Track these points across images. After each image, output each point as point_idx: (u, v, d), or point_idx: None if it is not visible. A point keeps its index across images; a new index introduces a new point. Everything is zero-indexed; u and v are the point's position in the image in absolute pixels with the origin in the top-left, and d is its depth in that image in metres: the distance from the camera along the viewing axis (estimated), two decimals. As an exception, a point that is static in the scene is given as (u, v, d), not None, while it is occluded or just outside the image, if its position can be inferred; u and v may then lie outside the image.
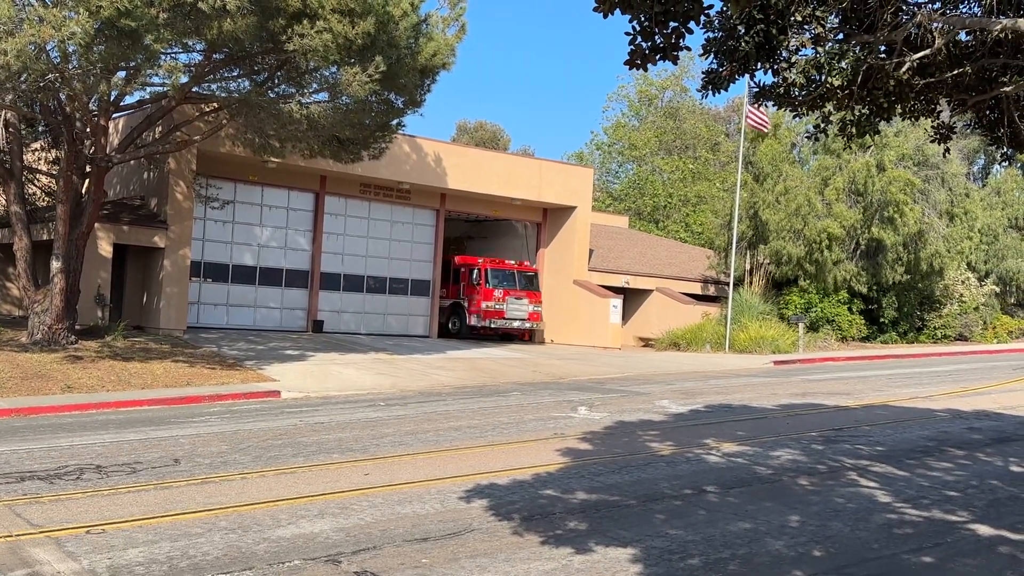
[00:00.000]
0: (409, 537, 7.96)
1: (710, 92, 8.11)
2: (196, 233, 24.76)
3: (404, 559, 7.38)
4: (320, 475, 10.30)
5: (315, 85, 19.60)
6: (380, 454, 11.56)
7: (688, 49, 6.94)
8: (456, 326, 30.07)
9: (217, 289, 26.11)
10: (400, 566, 7.21)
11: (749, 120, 30.44)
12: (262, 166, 24.84)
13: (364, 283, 28.98)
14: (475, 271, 29.65)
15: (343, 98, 19.22)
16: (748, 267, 33.84)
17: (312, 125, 19.29)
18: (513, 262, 30.82)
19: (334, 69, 18.53)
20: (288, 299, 27.39)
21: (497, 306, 29.31)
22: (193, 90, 19.61)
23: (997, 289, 38.92)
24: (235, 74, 20.28)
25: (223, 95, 20.03)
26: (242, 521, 8.32)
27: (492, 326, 29.41)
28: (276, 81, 19.62)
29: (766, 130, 31.43)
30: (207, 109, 21.36)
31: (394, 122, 21.82)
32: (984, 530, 8.75)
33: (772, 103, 8.51)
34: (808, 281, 32.50)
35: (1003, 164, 45.39)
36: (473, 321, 29.51)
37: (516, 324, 29.96)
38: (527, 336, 31.22)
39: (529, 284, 30.47)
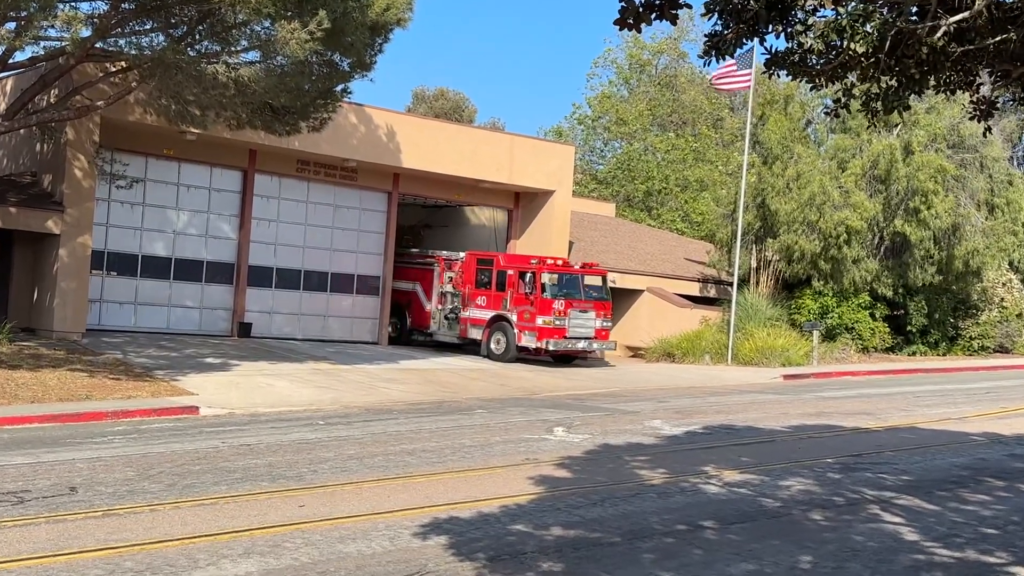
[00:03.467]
0: (352, 581, 7.95)
1: (713, 58, 8.16)
2: (99, 217, 24.45)
3: (346, 607, 7.36)
4: (246, 507, 10.24)
5: (244, 42, 19.47)
6: (318, 482, 11.52)
7: (689, 7, 7.00)
8: (502, 347, 27.29)
9: (124, 284, 25.85)
10: (341, 615, 7.19)
11: (724, 84, 30.82)
12: (179, 138, 24.61)
13: (301, 279, 28.85)
14: (527, 276, 26.91)
15: (278, 58, 19.12)
16: (754, 265, 34.14)
17: (240, 90, 19.17)
18: (575, 263, 28.54)
19: (268, 24, 18.43)
20: (209, 297, 27.20)
21: (557, 322, 26.59)
22: (97, 46, 19.38)
23: (1044, 293, 39.56)
24: (148, 27, 20.08)
25: (133, 52, 19.81)
26: (151, 561, 8.25)
27: (550, 348, 26.70)
28: (197, 37, 19.47)
29: (743, 89, 31.74)
30: (113, 69, 21.13)
31: (339, 88, 21.75)
32: (1026, 574, 8.90)
33: (786, 72, 8.58)
34: (823, 282, 32.83)
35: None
36: (525, 341, 26.70)
37: (582, 345, 27.32)
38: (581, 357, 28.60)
39: (596, 292, 28.08)
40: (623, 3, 6.43)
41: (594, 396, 21.47)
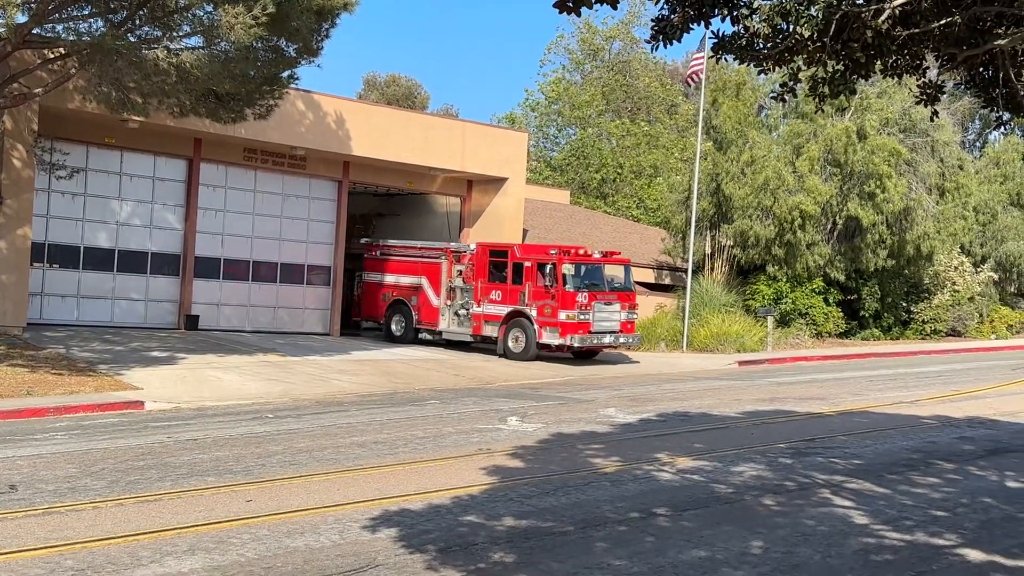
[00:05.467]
0: (300, 575, 7.91)
1: (661, 43, 8.19)
2: (38, 208, 24.09)
3: (293, 602, 7.33)
4: (192, 503, 10.15)
5: (187, 28, 19.23)
6: (266, 476, 11.44)
7: (632, -10, 6.99)
8: (521, 344, 25.67)
9: (66, 277, 25.48)
10: (288, 610, 7.16)
11: (696, 66, 30.98)
12: (121, 126, 24.30)
13: (250, 270, 28.61)
14: (547, 267, 25.21)
15: (222, 44, 18.90)
16: (709, 251, 34.40)
17: (183, 76, 18.92)
18: (597, 253, 26.76)
19: (210, 8, 18.21)
20: (155, 289, 26.88)
21: (582, 316, 24.97)
22: (34, 32, 19.05)
23: (995, 276, 40.26)
24: (86, 13, 19.76)
25: (71, 38, 19.49)
26: (93, 560, 8.15)
27: (575, 345, 25.27)
28: (138, 22, 19.18)
29: (695, 82, 31.94)
30: (51, 56, 20.77)
31: (285, 74, 21.57)
32: (975, 555, 9.06)
33: (733, 57, 8.64)
34: (778, 267, 33.18)
35: (1000, 131, 46.99)
36: (546, 337, 25.10)
37: (608, 340, 25.77)
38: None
39: (621, 283, 26.59)
40: (565, -15, 6.43)
41: (548, 385, 21.53)
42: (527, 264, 25.78)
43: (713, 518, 10.07)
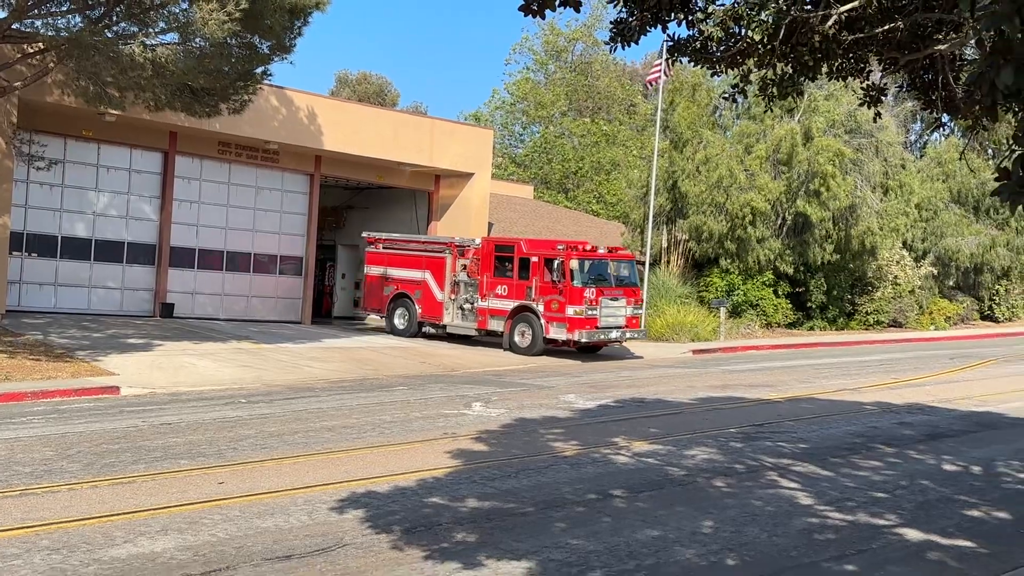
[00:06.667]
0: (269, 555, 7.86)
1: (620, 45, 8.21)
2: (17, 199, 23.76)
3: (263, 580, 7.28)
4: (165, 485, 10.06)
5: (162, 24, 18.98)
6: (238, 459, 11.36)
7: (593, -7, 6.98)
8: (528, 339, 24.73)
9: (43, 265, 25.13)
10: (258, 588, 7.11)
11: (655, 74, 31.03)
12: (98, 119, 23.97)
13: (224, 260, 28.36)
14: (555, 263, 24.17)
15: (197, 40, 18.67)
16: (666, 244, 34.56)
17: (158, 71, 18.68)
18: (603, 248, 25.86)
19: (186, 5, 17.98)
20: (131, 278, 26.59)
21: (589, 311, 24.05)
22: (13, 27, 18.73)
23: (935, 271, 40.74)
24: (64, 8, 19.50)
25: (50, 33, 19.20)
26: (68, 539, 8.06)
27: (583, 340, 24.30)
28: (115, 18, 18.93)
29: (653, 87, 32.02)
30: (30, 50, 20.44)
31: (259, 70, 21.36)
32: (913, 535, 9.18)
33: (688, 59, 8.66)
34: (730, 261, 33.39)
35: (940, 132, 47.49)
36: (553, 332, 24.18)
37: (614, 335, 24.93)
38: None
39: (626, 278, 25.61)
40: (528, -11, 6.41)
41: (512, 372, 21.54)
42: (534, 259, 24.76)
43: (667, 499, 10.13)
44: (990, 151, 46.68)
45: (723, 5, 7.61)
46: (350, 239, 34.74)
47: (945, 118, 9.90)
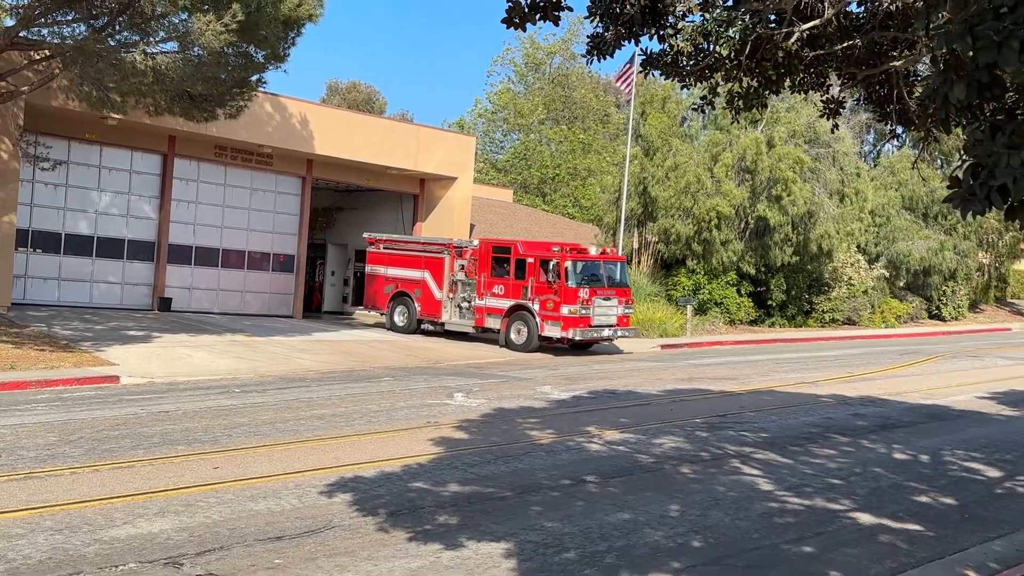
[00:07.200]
0: (262, 536, 7.81)
1: (596, 58, 8.20)
2: (23, 197, 23.50)
3: (255, 560, 7.24)
4: (163, 469, 9.98)
5: (163, 33, 18.82)
6: (232, 446, 11.29)
7: (570, 9, 7.00)
8: (523, 336, 24.48)
9: (48, 261, 24.88)
10: (250, 568, 7.07)
11: (622, 84, 31.02)
12: (101, 123, 23.74)
13: (219, 257, 28.16)
14: (550, 264, 23.97)
15: (195, 49, 18.53)
16: (637, 246, 34.62)
17: (159, 78, 18.54)
18: (594, 250, 25.82)
19: (185, 16, 17.84)
20: (131, 273, 26.36)
21: (583, 311, 23.79)
22: (20, 34, 18.53)
23: (887, 273, 41.03)
24: (70, 18, 19.26)
25: (55, 41, 19.00)
26: (71, 520, 7.99)
27: (577, 338, 24.07)
28: (117, 27, 18.74)
29: (624, 91, 32.03)
30: (37, 57, 20.23)
31: (254, 78, 21.21)
32: (865, 519, 9.24)
33: (659, 72, 8.68)
34: (696, 262, 33.50)
35: (893, 143, 47.78)
36: (548, 331, 23.94)
37: (607, 333, 24.71)
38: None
39: (617, 279, 25.41)
40: (510, 3, 6.39)
41: (492, 365, 21.51)
42: (530, 260, 24.52)
43: (636, 485, 10.15)
44: (939, 161, 47.04)
45: (693, 22, 7.62)
46: (339, 238, 34.60)
47: (899, 130, 9.96)
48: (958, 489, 10.70)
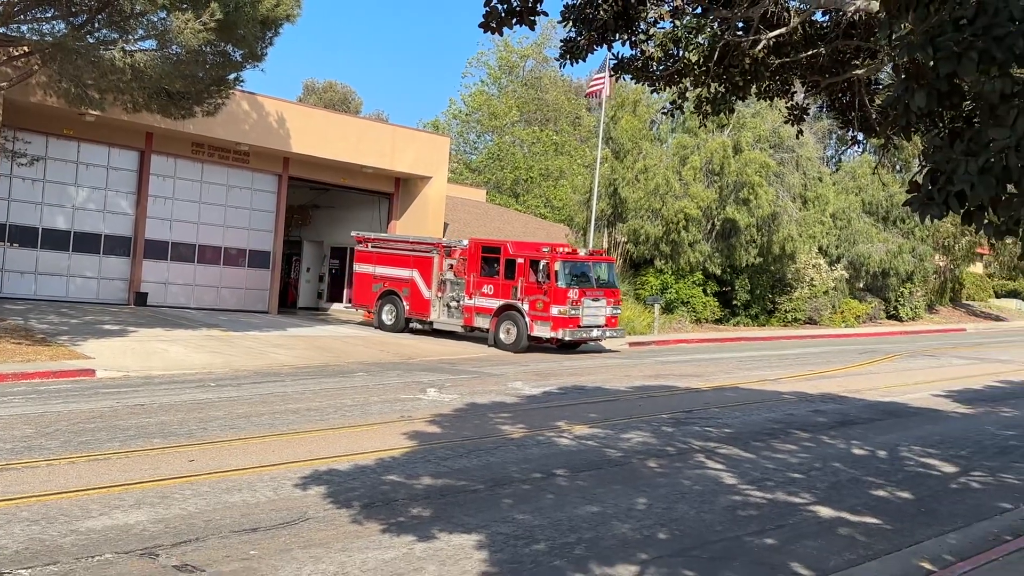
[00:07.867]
0: (237, 527, 7.77)
1: (568, 62, 8.23)
2: (0, 192, 23.21)
3: (230, 551, 7.19)
4: (138, 461, 9.89)
5: (141, 31, 18.65)
6: (208, 439, 11.21)
7: (546, 14, 7.01)
8: (512, 336, 24.14)
9: (25, 255, 24.57)
10: (225, 559, 7.03)
11: (596, 86, 31.07)
12: (79, 119, 23.49)
13: (196, 253, 27.94)
14: (540, 265, 23.65)
15: (173, 47, 18.38)
16: (607, 246, 34.72)
17: (137, 75, 18.35)
18: (583, 251, 25.74)
19: (163, 14, 17.68)
20: (107, 268, 26.09)
21: (572, 311, 23.54)
22: (0, 31, 18.28)
23: (847, 274, 41.43)
24: (49, 15, 19.03)
25: (34, 38, 18.78)
26: (47, 512, 7.90)
27: (566, 338, 23.85)
28: (96, 25, 18.54)
29: (596, 99, 32.08)
30: (16, 53, 19.97)
31: (231, 76, 21.08)
32: (825, 512, 9.33)
33: (630, 76, 8.72)
34: (664, 262, 33.67)
35: (854, 149, 48.25)
36: (537, 331, 23.66)
37: (595, 333, 24.44)
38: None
39: (606, 279, 25.18)
40: (487, 8, 6.40)
41: (464, 361, 21.50)
42: (519, 261, 24.20)
43: (605, 478, 10.18)
44: (899, 167, 47.51)
45: (664, 28, 7.67)
46: (315, 235, 34.45)
47: (860, 136, 10.07)
48: (914, 484, 10.83)
